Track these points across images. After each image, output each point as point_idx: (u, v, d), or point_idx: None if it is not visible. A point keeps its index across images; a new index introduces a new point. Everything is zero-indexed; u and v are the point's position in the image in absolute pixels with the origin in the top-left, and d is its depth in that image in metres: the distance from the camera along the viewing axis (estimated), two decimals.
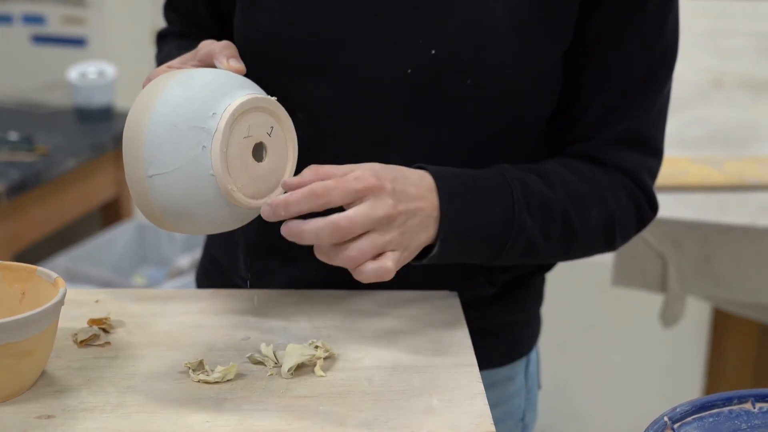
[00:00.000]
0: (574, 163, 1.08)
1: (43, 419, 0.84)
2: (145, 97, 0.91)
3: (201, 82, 0.91)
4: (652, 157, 1.10)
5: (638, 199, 1.09)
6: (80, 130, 2.82)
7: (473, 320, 1.05)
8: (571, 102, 1.08)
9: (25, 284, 0.93)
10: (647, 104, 1.07)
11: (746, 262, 1.71)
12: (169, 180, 0.88)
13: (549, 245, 1.04)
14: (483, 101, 1.02)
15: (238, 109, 0.89)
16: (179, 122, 0.88)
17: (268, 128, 0.93)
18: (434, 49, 1.00)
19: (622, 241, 1.10)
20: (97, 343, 0.97)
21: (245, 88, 0.92)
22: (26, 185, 2.44)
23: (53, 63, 3.10)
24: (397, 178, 0.94)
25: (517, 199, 1.00)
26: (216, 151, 0.88)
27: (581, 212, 1.05)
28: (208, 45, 0.99)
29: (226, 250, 1.17)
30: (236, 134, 0.90)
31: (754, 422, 0.78)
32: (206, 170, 0.89)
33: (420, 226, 0.95)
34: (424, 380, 0.92)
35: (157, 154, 0.88)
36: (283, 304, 1.06)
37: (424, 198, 0.96)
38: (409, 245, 0.94)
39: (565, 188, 1.04)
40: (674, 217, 1.74)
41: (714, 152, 2.06)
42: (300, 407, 0.87)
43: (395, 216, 0.92)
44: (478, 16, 1.00)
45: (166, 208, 0.90)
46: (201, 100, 0.89)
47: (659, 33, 1.06)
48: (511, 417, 1.20)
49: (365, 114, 1.03)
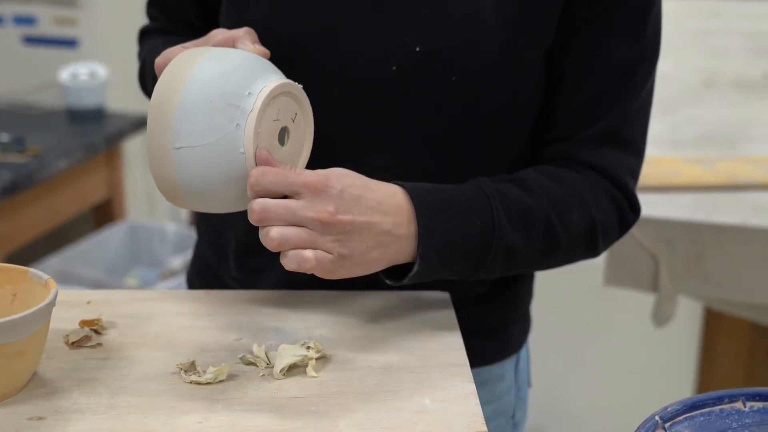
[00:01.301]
0: (552, 170, 1.06)
1: (35, 420, 0.84)
2: (177, 68, 0.91)
3: (235, 60, 0.92)
4: (633, 156, 1.09)
5: (619, 203, 1.08)
6: (72, 131, 2.81)
7: (463, 319, 1.05)
8: (551, 100, 1.07)
9: (16, 285, 0.93)
10: (627, 102, 1.06)
11: (738, 262, 1.72)
12: (196, 154, 0.89)
13: (531, 253, 1.02)
14: (469, 98, 1.02)
15: (273, 91, 0.91)
16: (215, 98, 0.89)
17: (293, 114, 0.95)
18: (419, 46, 0.99)
19: (604, 247, 1.08)
20: (88, 345, 0.97)
21: (275, 73, 0.94)
22: (18, 186, 2.43)
23: (45, 64, 3.09)
24: (354, 185, 0.91)
25: (497, 210, 0.99)
26: (250, 130, 0.90)
27: (562, 217, 1.03)
28: (224, 32, 0.99)
29: (217, 250, 1.17)
30: (268, 116, 0.91)
31: (745, 421, 0.79)
32: (237, 148, 0.90)
33: (371, 241, 0.92)
34: (416, 380, 0.92)
35: (187, 126, 0.89)
36: (275, 304, 1.06)
37: (387, 213, 0.93)
38: (352, 256, 0.91)
39: (545, 194, 1.03)
40: (666, 217, 1.74)
41: (706, 152, 2.06)
42: (292, 408, 0.87)
43: (332, 222, 0.89)
44: (464, 12, 0.99)
45: (188, 182, 0.91)
46: (237, 79, 0.90)
47: (640, 29, 1.04)
48: (501, 415, 1.20)
49: (351, 111, 1.03)
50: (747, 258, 1.71)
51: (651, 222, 1.73)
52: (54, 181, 2.60)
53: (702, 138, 2.16)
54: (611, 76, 1.05)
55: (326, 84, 1.02)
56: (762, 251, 1.70)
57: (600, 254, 1.09)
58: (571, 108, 1.06)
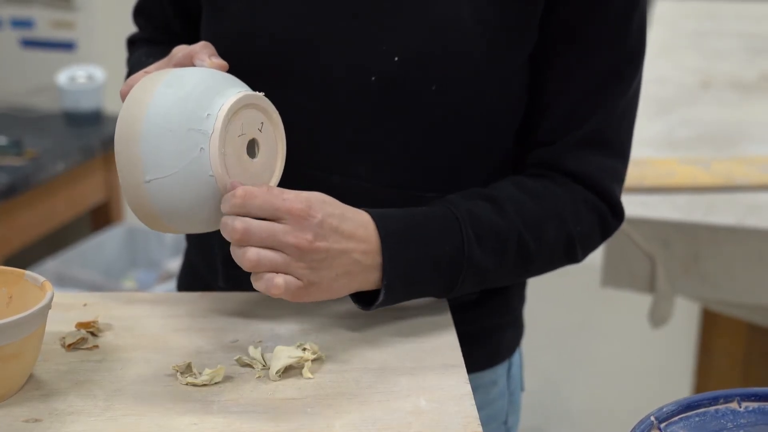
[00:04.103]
0: (529, 183, 1.05)
1: (31, 423, 0.84)
2: (135, 101, 0.90)
3: (190, 82, 0.91)
4: (617, 159, 1.08)
5: (600, 210, 1.07)
6: (69, 134, 2.81)
7: (455, 325, 1.04)
8: (534, 105, 1.06)
9: (12, 288, 0.93)
10: (611, 105, 1.05)
11: (734, 262, 1.72)
12: (167, 184, 0.89)
13: (504, 272, 1.03)
14: (450, 106, 1.01)
15: (231, 108, 0.90)
16: (174, 126, 0.88)
17: (258, 124, 0.94)
18: (398, 56, 0.99)
19: (584, 255, 1.09)
20: (84, 347, 0.97)
21: (234, 86, 0.93)
22: (15, 189, 2.43)
23: (42, 67, 3.09)
24: (333, 215, 0.92)
25: (466, 234, 0.99)
26: (215, 153, 0.89)
27: (536, 234, 1.03)
28: (183, 48, 0.99)
29: (205, 258, 1.17)
30: (231, 133, 0.90)
31: (740, 421, 0.79)
32: (205, 171, 0.89)
33: (341, 269, 0.93)
34: (412, 381, 0.92)
35: (153, 159, 0.88)
36: (271, 306, 1.06)
37: (361, 241, 0.94)
38: (320, 283, 0.92)
39: (519, 212, 1.02)
40: (662, 218, 1.74)
41: (702, 153, 2.06)
42: (288, 409, 0.87)
43: (309, 250, 0.90)
44: (443, 21, 0.99)
45: (165, 211, 0.90)
46: (194, 102, 0.89)
47: (624, 31, 1.04)
48: (494, 420, 1.20)
49: (332, 121, 1.02)
50: (743, 258, 1.71)
51: (647, 223, 1.73)
52: (51, 183, 2.60)
53: (698, 139, 2.17)
54: (595, 80, 1.04)
55: (306, 94, 1.02)
56: (758, 251, 1.70)
57: (581, 261, 1.10)
58: (554, 113, 1.06)
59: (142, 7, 1.21)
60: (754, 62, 2.90)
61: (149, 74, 0.95)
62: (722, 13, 3.58)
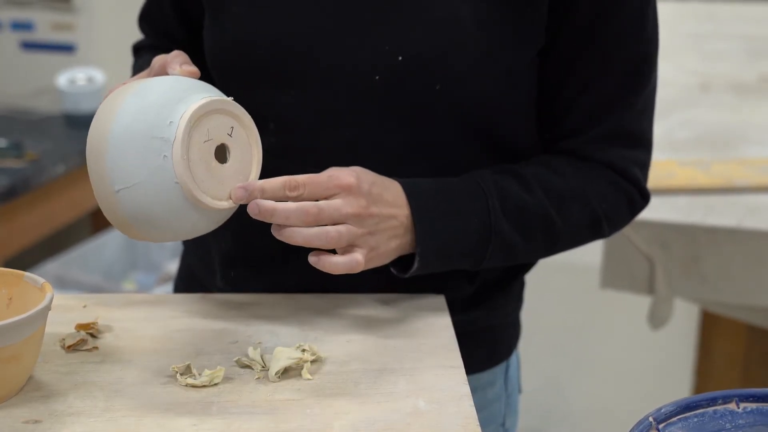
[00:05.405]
0: (557, 162, 1.08)
1: (31, 424, 0.84)
2: (103, 112, 0.91)
3: (155, 91, 0.90)
4: (641, 150, 1.10)
5: (627, 190, 1.10)
6: (69, 136, 2.81)
7: (453, 325, 1.05)
8: (555, 101, 1.08)
9: (12, 289, 0.93)
10: (632, 100, 1.07)
11: (733, 264, 1.72)
12: (135, 193, 0.89)
13: (531, 246, 1.06)
14: (453, 105, 1.02)
15: (194, 114, 0.89)
16: (137, 135, 0.88)
17: (228, 129, 0.93)
18: (401, 56, 1.00)
19: (612, 231, 1.11)
20: (84, 348, 0.97)
21: (200, 92, 0.92)
22: (15, 191, 2.43)
23: (42, 69, 3.10)
24: (375, 183, 0.98)
25: (493, 206, 1.02)
26: (177, 160, 0.88)
27: (562, 212, 1.06)
28: (161, 58, 1.00)
29: (202, 260, 1.17)
30: (196, 140, 0.90)
31: (738, 422, 0.79)
32: (170, 179, 0.88)
33: (391, 232, 0.98)
34: (411, 382, 0.92)
35: (120, 168, 0.88)
36: (270, 307, 1.06)
37: (400, 206, 0.99)
38: (378, 247, 0.97)
39: (545, 189, 1.05)
40: (662, 220, 1.74)
41: (701, 154, 2.07)
42: (287, 410, 0.87)
43: (366, 216, 0.96)
44: (444, 20, 0.99)
45: (137, 220, 0.90)
46: (156, 110, 0.89)
47: (640, 29, 1.05)
48: (491, 422, 1.20)
49: (335, 122, 1.03)
50: (742, 260, 1.71)
51: (646, 224, 1.73)
52: (51, 186, 2.60)
53: (697, 140, 2.17)
54: (615, 79, 1.06)
55: (311, 96, 1.02)
56: (757, 253, 1.70)
57: (610, 236, 1.13)
58: (576, 109, 1.08)
59: (146, 13, 1.21)
60: (753, 64, 2.90)
61: (122, 86, 0.95)
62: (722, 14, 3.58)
